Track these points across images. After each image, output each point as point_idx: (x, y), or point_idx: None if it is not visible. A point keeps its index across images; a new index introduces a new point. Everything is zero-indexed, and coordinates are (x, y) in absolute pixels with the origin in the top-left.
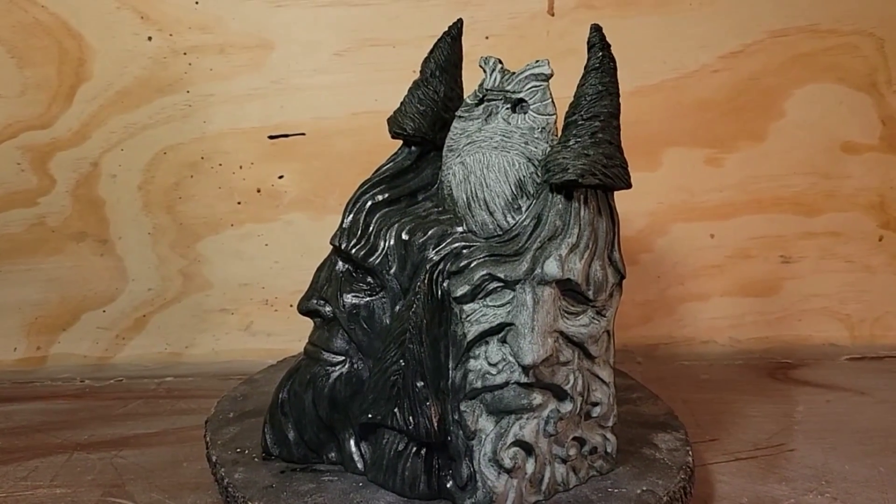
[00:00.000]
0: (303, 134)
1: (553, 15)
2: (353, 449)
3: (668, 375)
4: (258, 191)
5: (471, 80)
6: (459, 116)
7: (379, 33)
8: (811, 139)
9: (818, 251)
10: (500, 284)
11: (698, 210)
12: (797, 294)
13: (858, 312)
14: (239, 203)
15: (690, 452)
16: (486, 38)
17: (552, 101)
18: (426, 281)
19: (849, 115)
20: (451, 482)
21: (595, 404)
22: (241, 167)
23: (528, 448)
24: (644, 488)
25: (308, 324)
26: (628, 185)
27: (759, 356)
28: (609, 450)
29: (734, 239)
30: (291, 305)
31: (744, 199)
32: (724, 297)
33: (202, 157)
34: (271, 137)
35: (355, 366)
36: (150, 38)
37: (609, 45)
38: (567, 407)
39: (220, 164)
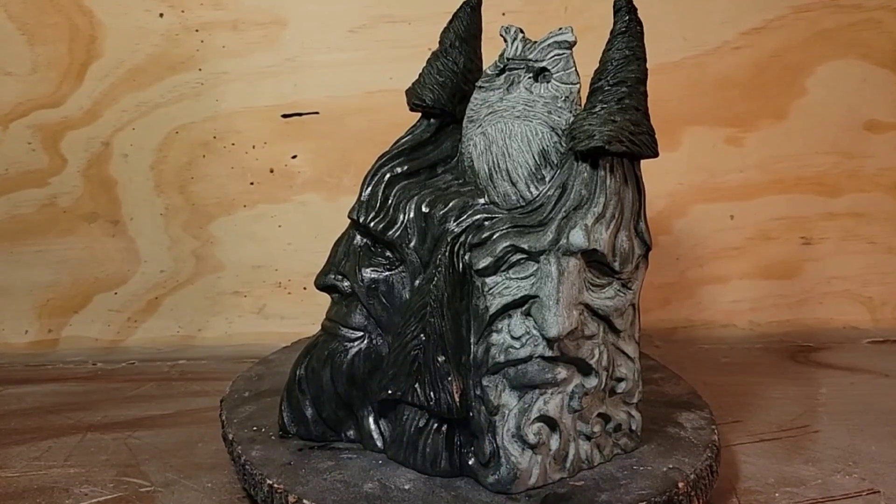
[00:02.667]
0: (317, 113)
1: None
2: (373, 426)
3: (688, 359)
4: (271, 171)
5: (489, 57)
6: (480, 87)
7: (394, 9)
8: (834, 117)
9: (840, 232)
10: (524, 256)
11: (718, 191)
12: (818, 276)
13: (881, 295)
14: (252, 183)
15: (716, 431)
16: (503, 14)
17: (575, 70)
18: (447, 254)
19: (872, 93)
20: (473, 459)
21: (620, 380)
22: (253, 147)
23: (552, 424)
24: (670, 466)
25: (322, 306)
26: (655, 154)
27: (780, 340)
28: (634, 427)
29: (755, 220)
30: (305, 288)
31: (765, 179)
32: (743, 280)
33: (214, 137)
34: (285, 116)
35: (374, 341)
36: (161, 15)
37: (636, 9)
38: (592, 382)
39: (233, 144)
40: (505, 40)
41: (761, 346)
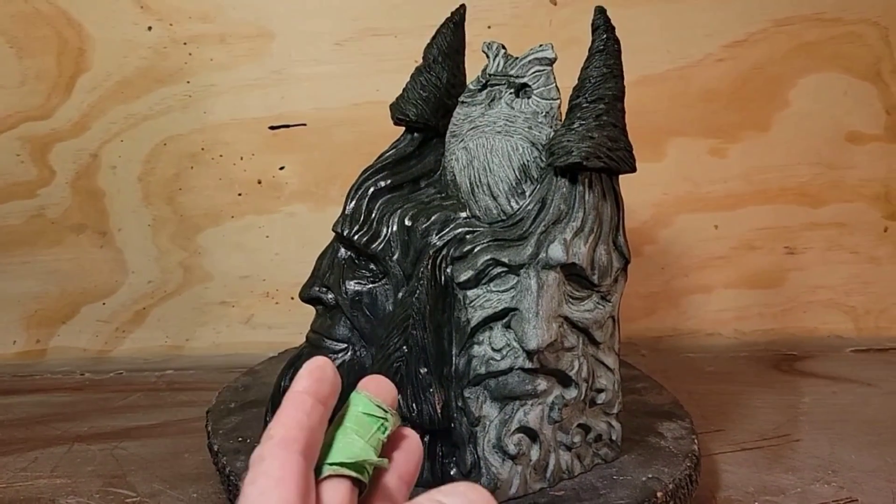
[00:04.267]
0: (304, 124)
1: (556, 4)
2: None
3: (673, 368)
4: (259, 182)
5: (473, 70)
6: (463, 102)
7: (380, 22)
8: (816, 129)
9: (823, 242)
10: (504, 269)
11: (703, 201)
12: (802, 286)
13: (864, 304)
14: (240, 194)
15: (696, 441)
16: (489, 27)
17: (556, 86)
18: (429, 266)
19: (854, 105)
20: (454, 469)
21: (600, 391)
22: (241, 158)
23: (532, 434)
24: (650, 476)
25: (309, 316)
26: (633, 169)
27: (765, 348)
28: (614, 437)
29: (739, 230)
30: (293, 298)
31: (748, 189)
32: (728, 289)
33: (202, 148)
34: (272, 128)
35: (358, 353)
36: (150, 28)
37: (613, 28)
38: (572, 393)
39: (221, 155)
40: (487, 56)
41: (746, 355)
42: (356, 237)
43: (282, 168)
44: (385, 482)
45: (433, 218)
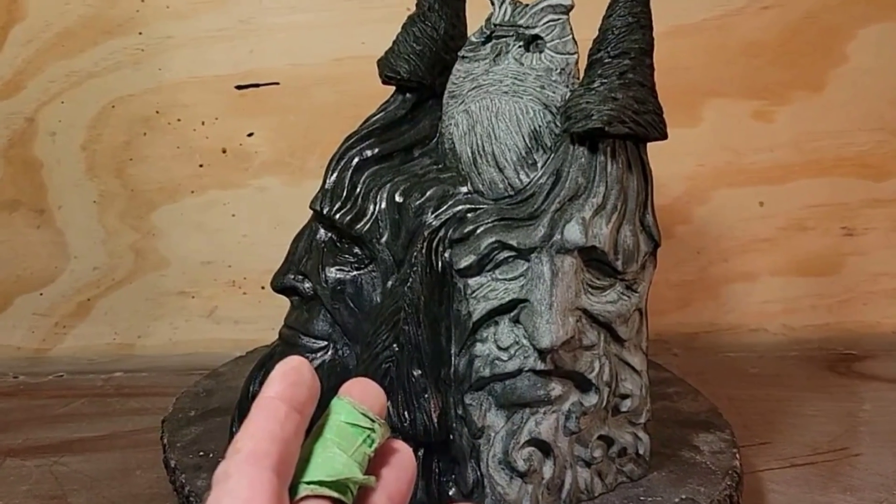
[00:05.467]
0: (276, 83)
1: None
2: None
3: (710, 369)
4: (224, 151)
5: (476, 20)
6: (463, 57)
7: None
8: (878, 88)
9: (887, 221)
10: (512, 254)
11: (745, 173)
12: (862, 273)
13: None
14: (201, 166)
15: (738, 455)
16: None
17: (573, 38)
18: (424, 251)
19: None
20: (453, 488)
21: (625, 397)
22: (203, 123)
23: (545, 448)
24: (683, 496)
25: (283, 309)
26: (663, 136)
27: (818, 346)
28: (641, 451)
29: (788, 207)
30: (263, 287)
31: (799, 159)
32: (775, 277)
33: (157, 112)
34: (239, 88)
35: (340, 352)
36: None
37: None
38: (591, 399)
39: (179, 120)
40: (492, 3)
41: (796, 354)
42: (338, 216)
43: (250, 135)
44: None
45: (428, 193)
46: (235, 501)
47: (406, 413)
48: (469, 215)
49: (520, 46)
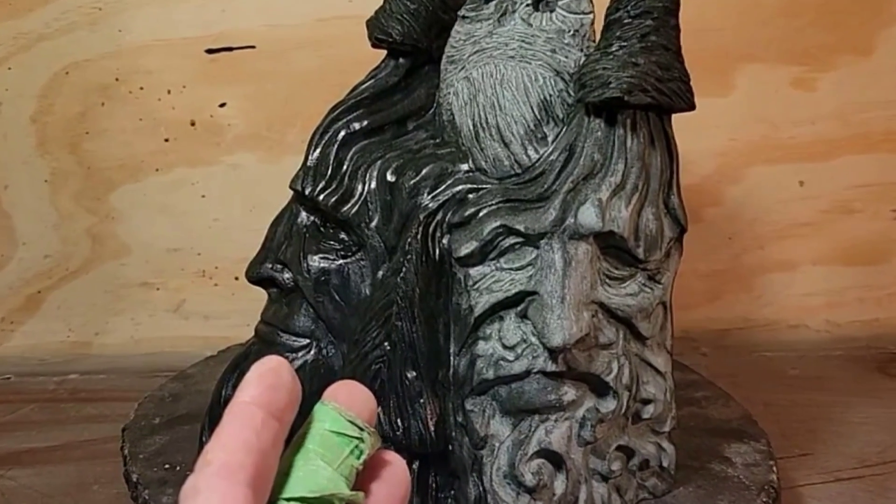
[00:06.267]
0: (252, 47)
1: None
2: None
3: (744, 371)
4: (192, 124)
5: None
6: (464, 17)
7: None
8: None
9: None
10: (519, 240)
11: (783, 148)
12: None
13: None
14: (167, 140)
15: (775, 468)
16: None
17: None
18: (419, 236)
19: None
20: None
21: (647, 402)
22: (169, 92)
23: (556, 460)
24: None
25: (259, 302)
26: (691, 106)
27: (866, 345)
28: (665, 463)
29: (831, 187)
30: (237, 278)
31: (844, 133)
32: (817, 266)
33: (117, 79)
34: (210, 52)
35: (324, 352)
36: None
37: None
38: (609, 405)
39: (142, 88)
40: None
41: (841, 354)
42: (322, 197)
43: (222, 105)
44: None
45: (424, 171)
46: None
47: (399, 420)
48: (470, 196)
49: (528, 5)
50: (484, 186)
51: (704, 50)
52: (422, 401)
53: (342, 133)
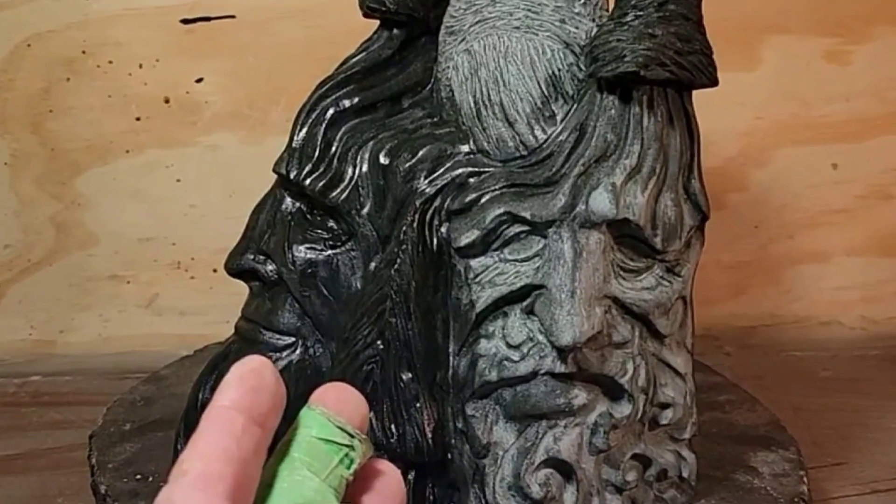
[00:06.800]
0: (232, 17)
1: None
2: None
3: (771, 372)
4: (166, 101)
5: None
6: None
7: None
8: None
9: None
10: (525, 228)
11: (815, 128)
12: None
13: None
14: (138, 119)
15: (806, 479)
16: None
17: None
18: (416, 225)
19: None
20: None
21: (665, 406)
22: (140, 66)
23: (566, 470)
24: None
25: (240, 297)
26: (713, 81)
27: None
28: (685, 474)
29: (867, 171)
30: (216, 270)
31: (881, 111)
32: (852, 257)
33: (84, 52)
34: (186, 22)
35: (311, 351)
36: None
37: None
38: (623, 409)
39: (111, 62)
40: None
41: (878, 354)
42: (309, 181)
43: (199, 80)
44: None
45: (421, 153)
46: None
47: (393, 426)
48: (471, 181)
49: None
50: (486, 170)
51: (728, 20)
52: (418, 405)
53: (331, 111)
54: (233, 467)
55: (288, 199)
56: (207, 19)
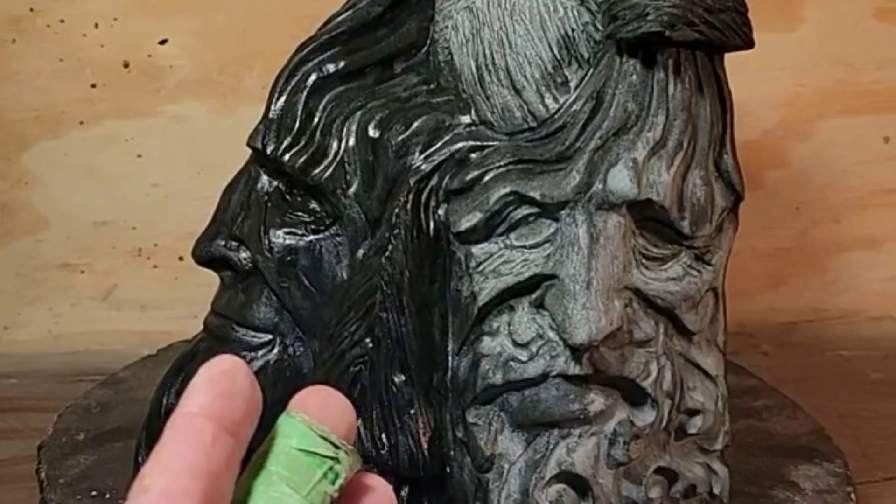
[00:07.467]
0: None
1: None
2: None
3: (815, 374)
4: (126, 65)
5: None
6: None
7: None
8: None
9: None
10: (535, 210)
11: (864, 96)
12: None
13: None
14: (94, 86)
15: (854, 495)
16: None
17: None
18: (410, 206)
19: None
20: None
21: (693, 413)
22: (96, 26)
23: (580, 486)
24: None
25: (209, 289)
26: (748, 43)
27: None
28: (717, 490)
29: None
30: (182, 258)
31: None
32: None
33: (31, 9)
34: None
35: (290, 350)
36: None
37: None
38: (646, 417)
39: (62, 21)
40: None
41: None
42: (288, 157)
43: (163, 42)
44: None
45: (415, 125)
46: None
47: (384, 436)
48: (473, 156)
49: None
50: (490, 144)
51: None
52: (412, 411)
53: (313, 77)
54: (201, 483)
55: (264, 178)
56: None
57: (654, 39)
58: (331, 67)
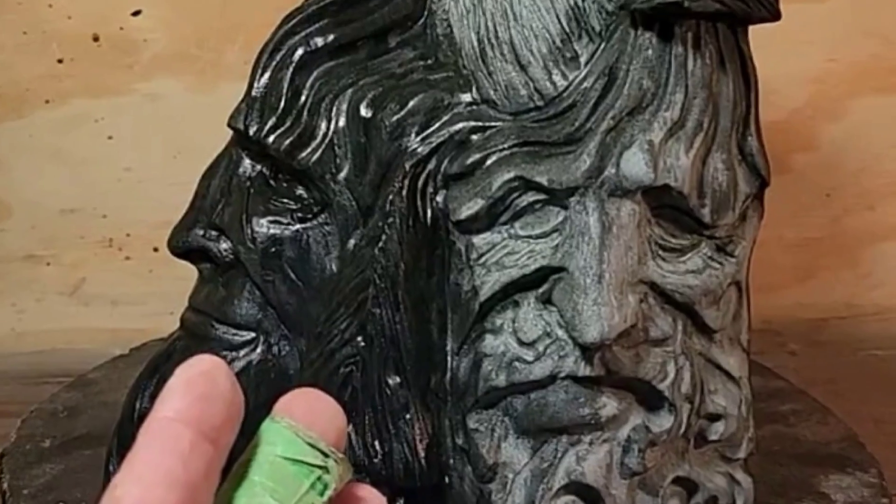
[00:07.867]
0: None
1: None
2: None
3: (846, 375)
4: (95, 39)
5: None
6: None
7: None
8: None
9: None
10: (541, 197)
11: None
12: None
13: None
14: (60, 61)
15: None
16: None
17: None
18: (405, 192)
19: None
20: None
21: (715, 418)
22: None
23: (591, 497)
24: None
25: (186, 283)
26: (775, 15)
27: None
28: (740, 501)
29: None
30: (156, 249)
31: None
32: None
33: None
34: None
35: (274, 349)
36: None
37: None
38: (663, 422)
39: None
40: None
41: None
42: (272, 138)
43: (136, 13)
44: None
45: (411, 104)
46: None
47: (377, 443)
48: (474, 138)
49: None
50: (492, 124)
51: None
52: (408, 416)
53: (300, 51)
54: (178, 494)
55: (246, 161)
56: None
57: (672, 10)
58: (319, 41)
